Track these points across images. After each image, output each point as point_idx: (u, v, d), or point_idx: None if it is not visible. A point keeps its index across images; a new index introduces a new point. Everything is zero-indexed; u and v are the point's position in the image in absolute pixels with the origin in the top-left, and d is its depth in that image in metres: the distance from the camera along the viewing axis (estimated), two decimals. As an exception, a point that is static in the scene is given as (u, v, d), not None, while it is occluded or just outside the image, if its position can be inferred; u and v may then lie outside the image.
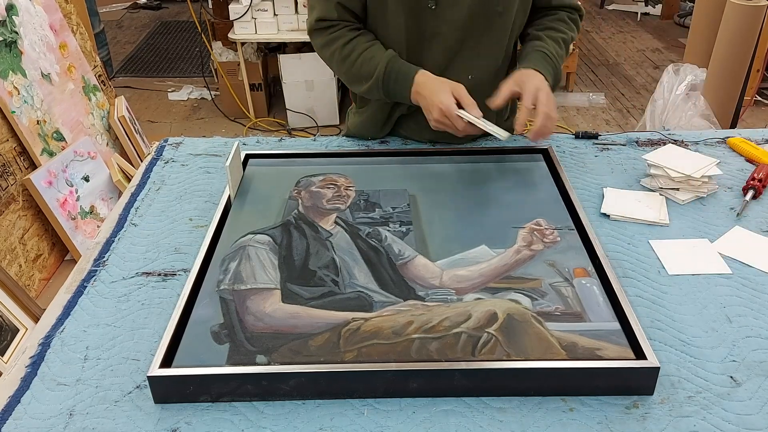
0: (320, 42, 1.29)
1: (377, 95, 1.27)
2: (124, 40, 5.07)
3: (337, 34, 1.26)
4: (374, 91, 1.26)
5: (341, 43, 1.25)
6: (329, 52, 1.28)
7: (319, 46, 1.30)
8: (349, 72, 1.27)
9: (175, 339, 0.86)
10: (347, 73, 1.28)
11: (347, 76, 1.29)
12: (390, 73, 1.22)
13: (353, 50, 1.25)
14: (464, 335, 0.85)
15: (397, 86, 1.23)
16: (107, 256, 1.09)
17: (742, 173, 1.28)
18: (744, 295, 0.98)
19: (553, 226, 1.07)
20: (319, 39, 1.29)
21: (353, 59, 1.25)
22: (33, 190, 2.27)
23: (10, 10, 2.37)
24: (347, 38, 1.25)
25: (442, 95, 1.16)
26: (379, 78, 1.23)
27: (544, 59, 1.25)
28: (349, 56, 1.25)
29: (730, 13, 2.73)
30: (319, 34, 1.29)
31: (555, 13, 1.35)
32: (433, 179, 1.22)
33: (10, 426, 0.80)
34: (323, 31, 1.27)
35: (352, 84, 1.30)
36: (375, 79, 1.23)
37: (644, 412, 0.80)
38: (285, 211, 1.12)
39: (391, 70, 1.22)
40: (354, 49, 1.25)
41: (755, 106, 3.70)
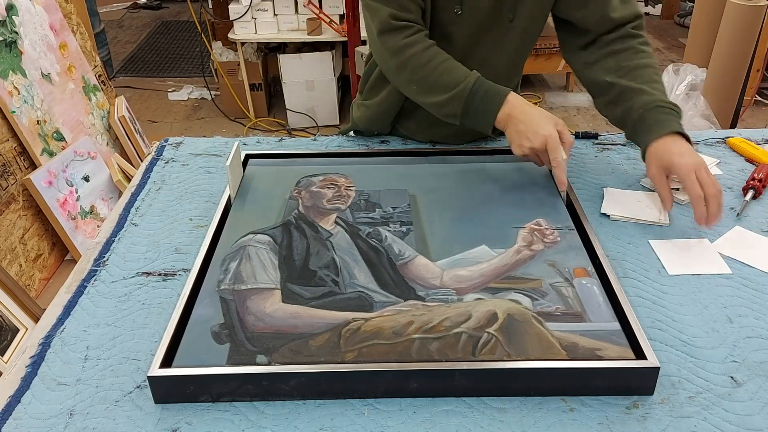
0: (396, 44, 1.17)
1: (451, 109, 1.16)
2: (125, 40, 5.07)
3: (417, 38, 1.16)
4: (451, 104, 1.15)
5: (422, 47, 1.16)
6: (405, 56, 1.16)
7: (395, 49, 1.17)
8: (426, 79, 1.16)
9: (176, 339, 0.86)
10: (423, 80, 1.16)
11: (419, 85, 1.18)
12: (479, 88, 1.13)
13: (434, 57, 1.15)
14: (464, 335, 0.85)
15: (484, 103, 1.13)
16: (107, 256, 1.09)
17: (742, 173, 1.28)
18: (745, 296, 0.98)
19: (553, 226, 1.07)
20: (394, 40, 1.17)
21: (434, 65, 1.15)
22: (33, 190, 2.27)
23: (10, 10, 2.37)
24: (427, 44, 1.16)
25: (549, 126, 1.09)
26: (466, 89, 1.12)
27: (665, 114, 1.11)
28: (430, 62, 1.15)
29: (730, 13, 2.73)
30: (395, 34, 1.16)
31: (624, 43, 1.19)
32: (433, 179, 1.22)
33: (10, 426, 0.80)
34: (399, 31, 1.16)
35: (422, 93, 1.19)
36: (460, 89, 1.13)
37: (644, 412, 0.80)
38: (285, 211, 1.12)
39: (481, 85, 1.13)
40: (436, 56, 1.15)
41: (755, 106, 3.70)
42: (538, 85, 4.13)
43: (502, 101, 1.13)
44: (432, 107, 1.20)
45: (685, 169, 1.05)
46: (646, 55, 1.19)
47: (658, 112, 1.12)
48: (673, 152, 1.07)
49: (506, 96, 1.13)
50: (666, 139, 1.09)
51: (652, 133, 1.11)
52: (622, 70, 1.17)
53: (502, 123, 1.14)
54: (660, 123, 1.11)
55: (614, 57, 1.19)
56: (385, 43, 1.19)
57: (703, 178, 1.04)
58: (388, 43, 1.18)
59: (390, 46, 1.18)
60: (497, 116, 1.13)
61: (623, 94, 1.16)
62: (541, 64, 3.81)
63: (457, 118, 1.17)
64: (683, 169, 1.05)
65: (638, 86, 1.15)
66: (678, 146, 1.08)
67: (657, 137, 1.10)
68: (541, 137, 1.09)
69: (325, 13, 3.38)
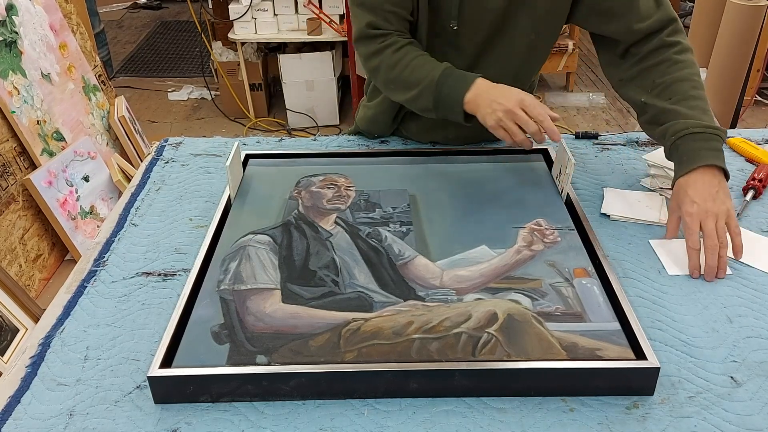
0: (368, 51, 1.19)
1: (423, 103, 1.16)
2: (124, 40, 5.07)
3: (390, 41, 1.17)
4: (422, 97, 1.15)
5: (393, 48, 1.16)
6: (377, 61, 1.18)
7: (367, 55, 1.20)
8: (398, 78, 1.16)
9: (175, 339, 0.86)
10: (395, 79, 1.17)
11: (394, 84, 1.19)
12: (447, 77, 1.12)
13: (405, 55, 1.16)
14: (464, 335, 0.85)
15: (452, 90, 1.12)
16: (107, 256, 1.09)
17: (742, 173, 1.28)
18: (745, 296, 0.98)
19: (553, 226, 1.07)
20: (366, 48, 1.19)
21: (405, 64, 1.15)
22: (33, 190, 2.27)
23: (10, 10, 2.37)
24: (399, 44, 1.17)
25: (519, 92, 1.08)
26: (434, 80, 1.12)
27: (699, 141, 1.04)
28: (400, 61, 1.16)
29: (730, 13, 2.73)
30: (368, 42, 1.19)
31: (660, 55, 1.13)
32: (433, 179, 1.22)
33: (10, 426, 0.80)
34: (373, 39, 1.18)
35: (396, 91, 1.20)
36: (428, 81, 1.13)
37: (644, 412, 0.80)
38: (285, 211, 1.12)
39: (449, 74, 1.13)
40: (406, 55, 1.16)
41: (755, 106, 3.70)
42: (538, 85, 4.12)
43: (469, 85, 1.11)
44: (408, 104, 1.20)
45: (689, 219, 1.01)
46: (682, 65, 1.12)
47: (692, 140, 1.04)
48: (687, 195, 1.02)
49: (474, 80, 1.11)
50: (691, 177, 1.03)
51: (682, 166, 1.05)
52: (657, 88, 1.12)
53: (471, 105, 1.11)
54: (690, 155, 1.04)
55: (648, 73, 1.14)
56: (359, 49, 1.22)
57: (708, 227, 0.99)
58: (362, 50, 1.20)
59: (363, 52, 1.20)
60: (465, 99, 1.11)
61: (658, 115, 1.11)
62: (541, 64, 3.81)
63: (432, 112, 1.16)
64: (686, 218, 1.01)
65: (672, 107, 1.09)
66: (696, 189, 1.02)
67: (685, 172, 1.04)
68: (514, 98, 1.06)
69: (325, 13, 3.38)
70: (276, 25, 3.42)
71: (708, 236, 1.00)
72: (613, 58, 1.21)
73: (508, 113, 1.07)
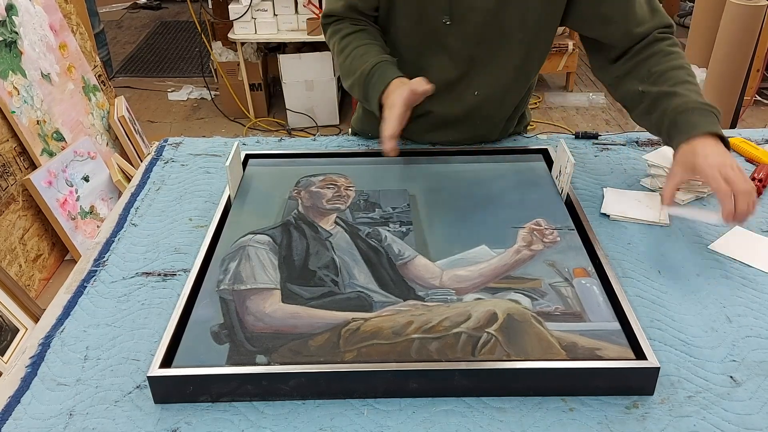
0: (326, 36, 1.31)
1: (357, 94, 1.23)
2: (124, 40, 5.07)
3: (340, 27, 1.26)
4: (356, 88, 1.22)
5: (340, 36, 1.25)
6: (331, 45, 1.29)
7: (327, 39, 1.31)
8: (342, 65, 1.25)
9: (175, 339, 0.86)
10: (341, 66, 1.26)
11: (341, 70, 1.27)
12: (373, 73, 1.17)
13: (349, 44, 1.23)
14: (464, 335, 0.85)
15: (373, 89, 1.17)
16: (107, 256, 1.09)
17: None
18: (744, 295, 0.98)
19: (553, 226, 1.07)
20: (325, 32, 1.31)
21: (347, 53, 1.22)
22: (33, 190, 2.27)
23: (10, 10, 2.37)
24: (347, 32, 1.24)
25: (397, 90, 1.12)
26: (364, 74, 1.18)
27: (698, 115, 1.05)
28: (344, 50, 1.23)
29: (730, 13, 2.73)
30: (326, 28, 1.30)
31: (652, 48, 1.15)
32: (433, 179, 1.22)
33: (10, 426, 0.80)
34: (329, 25, 1.29)
35: (343, 77, 1.27)
36: (360, 74, 1.19)
37: (644, 412, 0.80)
38: (285, 211, 1.12)
39: (376, 71, 1.17)
40: (350, 44, 1.23)
41: (755, 106, 3.70)
42: (538, 85, 4.11)
43: (385, 86, 1.15)
44: (350, 92, 1.26)
45: (708, 170, 0.98)
46: (675, 56, 1.14)
47: (691, 114, 1.05)
48: (697, 153, 1.01)
49: (391, 80, 1.15)
50: (695, 141, 1.02)
51: (683, 135, 1.04)
52: (653, 75, 1.13)
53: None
54: (692, 125, 1.04)
55: (644, 64, 1.15)
56: (325, 29, 1.31)
57: (729, 174, 0.97)
58: (325, 36, 1.32)
59: (326, 38, 1.32)
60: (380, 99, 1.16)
61: (656, 100, 1.11)
62: (541, 64, 3.81)
63: (367, 103, 1.21)
64: (706, 170, 0.99)
65: (670, 89, 1.10)
66: (705, 148, 1.01)
67: (687, 139, 1.03)
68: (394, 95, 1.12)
69: (324, 13, 3.37)
70: (276, 25, 3.42)
71: (736, 181, 0.96)
72: (605, 62, 1.22)
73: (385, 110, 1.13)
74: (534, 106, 3.85)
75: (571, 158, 1.11)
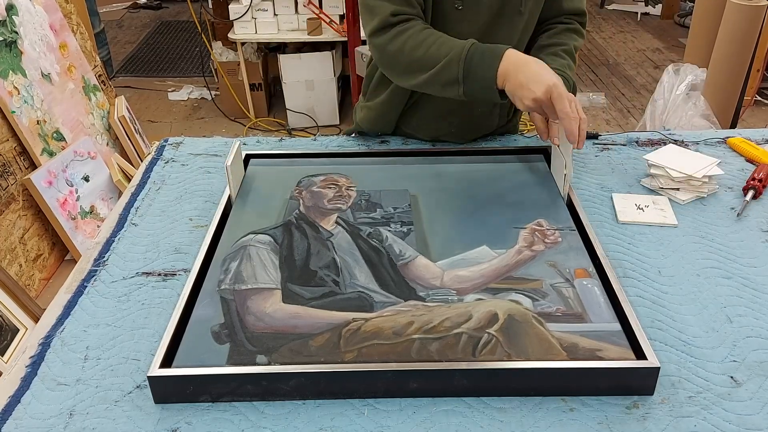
0: (391, 35, 1.20)
1: (451, 73, 1.15)
2: (124, 40, 5.07)
3: (412, 23, 1.19)
4: (450, 68, 1.15)
5: (418, 29, 1.18)
6: (400, 42, 1.18)
7: (389, 39, 1.20)
8: (424, 56, 1.16)
9: (176, 339, 0.86)
10: (421, 58, 1.17)
11: (419, 63, 1.18)
12: (476, 49, 1.13)
13: (431, 35, 1.17)
14: (465, 336, 0.85)
15: (483, 60, 1.12)
16: (107, 256, 1.09)
17: (743, 173, 1.28)
18: (744, 295, 0.98)
19: (554, 226, 1.07)
20: (388, 33, 1.20)
21: (431, 41, 1.16)
22: (33, 190, 2.27)
23: (10, 10, 2.37)
24: (422, 26, 1.19)
25: (550, 75, 1.09)
26: (464, 50, 1.13)
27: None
28: (426, 39, 1.17)
29: (730, 13, 2.73)
30: (388, 29, 1.20)
31: (554, 26, 1.34)
32: (434, 179, 1.22)
33: (10, 426, 0.80)
34: (394, 26, 1.19)
35: (420, 72, 1.19)
36: (457, 52, 1.13)
37: (645, 412, 0.80)
38: (286, 211, 1.12)
39: (478, 46, 1.14)
40: (432, 34, 1.18)
41: (755, 106, 3.70)
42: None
43: (500, 56, 1.12)
44: (432, 82, 1.19)
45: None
46: (565, 38, 1.32)
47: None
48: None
49: (505, 51, 1.12)
50: None
51: None
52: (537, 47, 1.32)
53: (502, 78, 1.12)
54: None
55: (540, 37, 1.34)
56: (379, 38, 1.21)
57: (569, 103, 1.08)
58: (383, 38, 1.20)
59: (383, 39, 1.20)
60: (498, 72, 1.11)
61: None
62: (541, 64, 3.82)
63: (459, 84, 1.15)
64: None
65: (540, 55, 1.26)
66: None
67: None
68: (545, 86, 1.07)
69: (325, 13, 3.38)
70: (276, 25, 3.42)
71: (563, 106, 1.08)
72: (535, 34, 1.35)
73: (536, 102, 1.08)
74: (534, 106, 3.84)
75: (571, 168, 1.11)
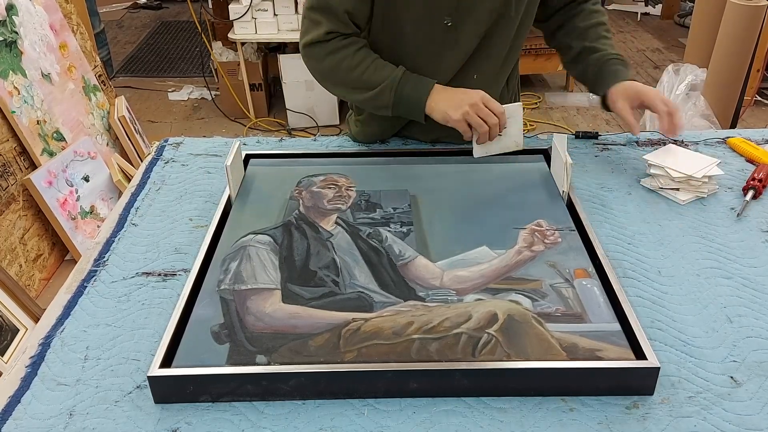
0: (323, 53, 1.23)
1: (384, 101, 1.23)
2: (124, 40, 5.07)
3: (346, 42, 1.22)
4: (383, 96, 1.22)
5: (353, 49, 1.22)
6: (336, 61, 1.22)
7: (321, 55, 1.24)
8: (359, 78, 1.22)
9: (175, 339, 0.86)
10: (357, 80, 1.23)
11: (356, 84, 1.24)
12: (408, 79, 1.21)
13: (366, 57, 1.22)
14: (464, 336, 0.85)
15: (414, 91, 1.21)
16: (107, 256, 1.09)
17: (742, 173, 1.28)
18: (744, 295, 0.98)
19: (554, 226, 1.07)
20: (323, 48, 1.23)
21: (366, 65, 1.22)
22: (33, 190, 2.27)
23: (10, 10, 2.37)
24: (359, 45, 1.23)
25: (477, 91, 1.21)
26: (396, 79, 1.20)
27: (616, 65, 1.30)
28: (362, 62, 1.22)
29: (730, 13, 2.73)
30: (322, 45, 1.23)
31: (578, 7, 1.36)
32: (434, 180, 1.22)
33: (10, 426, 0.80)
34: (328, 42, 1.22)
35: (356, 92, 1.25)
36: (390, 81, 1.20)
37: (644, 412, 0.80)
38: (286, 212, 1.12)
39: (409, 76, 1.22)
40: (367, 56, 1.22)
41: (755, 106, 3.70)
42: (538, 85, 4.13)
43: (429, 89, 1.22)
44: (363, 103, 1.30)
45: (653, 93, 1.26)
46: (596, 15, 1.36)
47: (612, 65, 1.31)
48: (638, 88, 1.27)
49: (433, 85, 1.23)
50: (627, 83, 1.28)
51: (610, 80, 1.29)
52: (577, 30, 1.36)
53: (431, 106, 1.22)
54: (616, 73, 1.29)
55: (571, 21, 1.37)
56: (312, 52, 1.25)
57: (665, 99, 1.25)
58: (317, 51, 1.25)
59: (317, 53, 1.25)
60: (427, 99, 1.22)
61: (581, 53, 1.35)
62: (541, 64, 3.81)
63: (389, 109, 1.25)
64: (650, 93, 1.25)
65: (591, 45, 1.33)
66: (639, 85, 1.27)
67: (617, 82, 1.28)
68: (475, 94, 1.20)
69: (325, 13, 3.37)
70: (276, 25, 3.42)
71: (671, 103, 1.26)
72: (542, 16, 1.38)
73: (473, 107, 1.19)
74: (534, 106, 3.85)
75: (569, 158, 1.11)
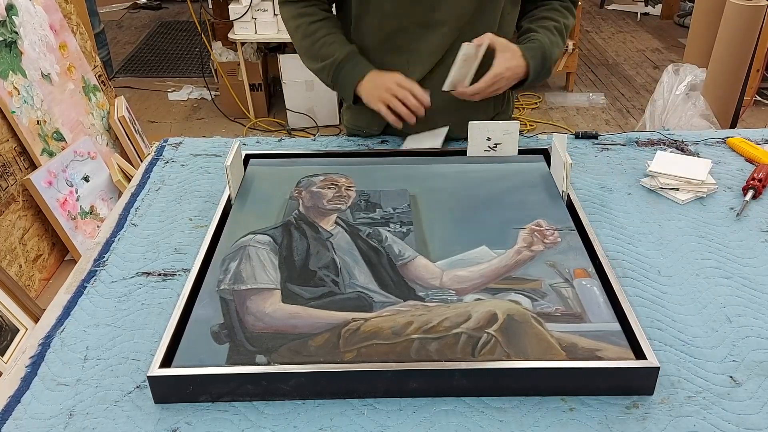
0: (289, 14, 1.35)
1: (324, 78, 1.34)
2: (124, 40, 5.07)
3: (309, 11, 1.32)
4: (323, 73, 1.32)
5: (310, 20, 1.32)
6: (295, 25, 1.33)
7: (288, 17, 1.36)
8: (310, 49, 1.32)
9: (175, 339, 0.86)
10: (308, 49, 1.33)
11: (306, 52, 1.34)
12: (346, 63, 1.29)
13: (319, 29, 1.31)
14: (464, 336, 0.85)
15: (348, 75, 1.29)
16: (107, 256, 1.09)
17: (742, 173, 1.28)
18: (744, 295, 0.98)
19: (553, 226, 1.07)
20: (289, 11, 1.35)
21: (317, 38, 1.31)
22: (33, 190, 2.27)
23: (10, 10, 2.37)
24: (317, 17, 1.32)
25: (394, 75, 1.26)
26: (336, 61, 1.29)
27: (532, 48, 1.29)
28: (314, 33, 1.31)
29: (730, 13, 2.73)
30: (290, 6, 1.34)
31: (548, 3, 1.38)
32: (433, 180, 1.22)
33: (10, 426, 0.80)
34: (295, 3, 1.33)
35: (307, 60, 1.36)
36: (332, 60, 1.29)
37: (644, 412, 0.80)
38: (285, 211, 1.12)
39: (350, 60, 1.29)
40: (320, 29, 1.31)
41: (755, 106, 3.70)
42: (537, 85, 4.13)
43: (364, 74, 1.29)
44: (315, 74, 1.37)
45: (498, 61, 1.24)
46: (557, 15, 1.37)
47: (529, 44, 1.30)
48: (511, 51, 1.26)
49: (370, 70, 1.29)
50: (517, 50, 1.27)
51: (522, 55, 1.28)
52: (532, 17, 1.38)
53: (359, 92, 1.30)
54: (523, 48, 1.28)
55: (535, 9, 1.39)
56: (282, 13, 1.38)
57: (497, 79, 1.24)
58: (284, 13, 1.37)
59: (285, 15, 1.36)
60: (356, 85, 1.29)
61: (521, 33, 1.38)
62: (541, 64, 3.81)
63: (335, 87, 1.35)
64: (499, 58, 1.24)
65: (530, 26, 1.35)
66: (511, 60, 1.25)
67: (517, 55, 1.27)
68: (390, 77, 1.26)
69: (325, 13, 3.37)
70: (276, 25, 3.42)
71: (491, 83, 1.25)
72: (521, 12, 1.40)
73: (388, 90, 1.26)
74: (534, 106, 3.85)
75: (569, 158, 1.11)
